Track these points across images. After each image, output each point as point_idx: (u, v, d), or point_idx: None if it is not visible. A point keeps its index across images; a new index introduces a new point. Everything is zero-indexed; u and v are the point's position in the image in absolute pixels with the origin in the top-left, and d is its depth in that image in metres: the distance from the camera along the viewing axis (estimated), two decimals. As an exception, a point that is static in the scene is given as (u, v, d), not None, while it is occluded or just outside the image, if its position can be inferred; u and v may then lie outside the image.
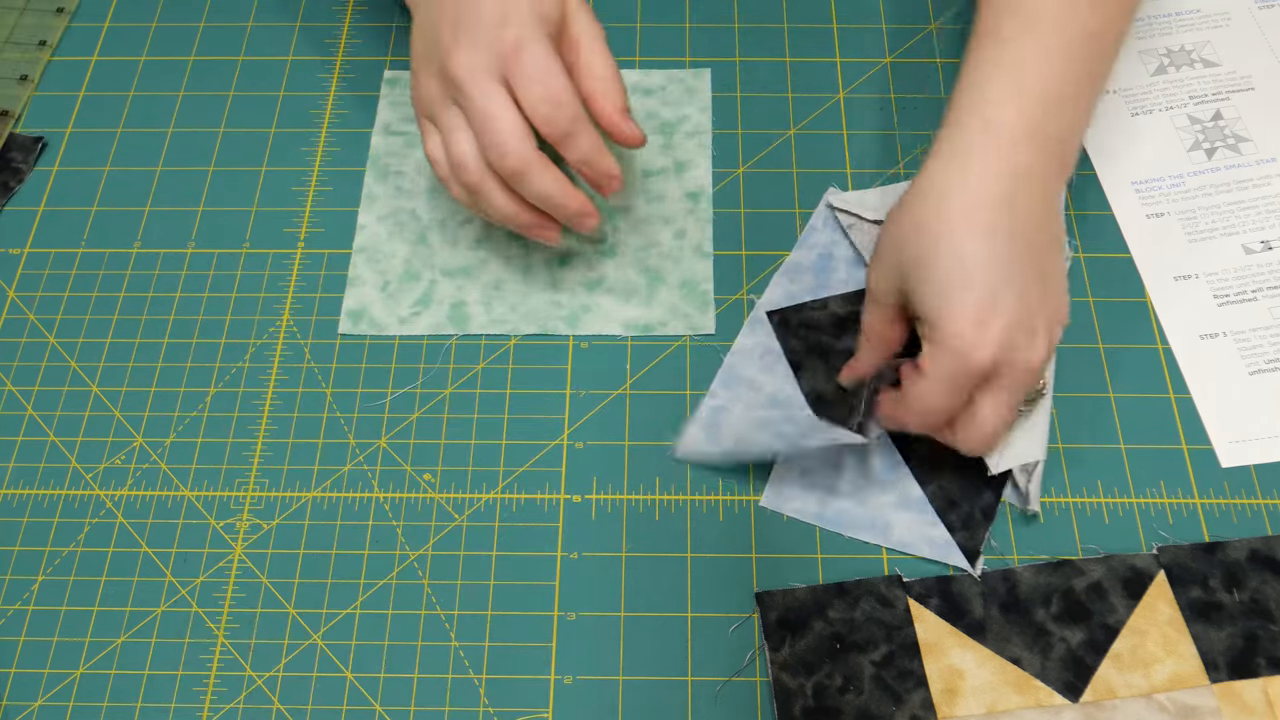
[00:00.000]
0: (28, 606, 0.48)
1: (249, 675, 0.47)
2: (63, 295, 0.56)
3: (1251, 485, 0.50)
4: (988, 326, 0.42)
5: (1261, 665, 0.45)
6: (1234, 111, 0.60)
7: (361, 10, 0.66)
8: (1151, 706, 0.44)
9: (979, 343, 0.42)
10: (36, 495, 0.51)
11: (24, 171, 0.60)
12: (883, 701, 0.44)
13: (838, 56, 0.63)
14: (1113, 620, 0.46)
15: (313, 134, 0.61)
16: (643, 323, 0.54)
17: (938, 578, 0.47)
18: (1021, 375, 0.43)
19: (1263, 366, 0.52)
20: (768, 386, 0.52)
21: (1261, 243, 0.55)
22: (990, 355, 0.42)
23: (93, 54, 0.65)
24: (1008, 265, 0.43)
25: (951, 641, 0.46)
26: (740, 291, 0.55)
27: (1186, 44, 0.62)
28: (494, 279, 0.56)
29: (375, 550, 0.49)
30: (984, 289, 0.42)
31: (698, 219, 0.57)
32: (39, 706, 0.46)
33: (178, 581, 0.49)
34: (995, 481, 0.49)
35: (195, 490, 0.51)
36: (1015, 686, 0.45)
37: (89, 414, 0.53)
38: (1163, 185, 0.58)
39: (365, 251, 0.57)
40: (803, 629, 0.46)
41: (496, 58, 0.45)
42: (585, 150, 0.47)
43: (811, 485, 0.50)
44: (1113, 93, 0.61)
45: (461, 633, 0.47)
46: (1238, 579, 0.47)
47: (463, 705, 0.46)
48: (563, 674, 0.46)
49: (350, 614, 0.48)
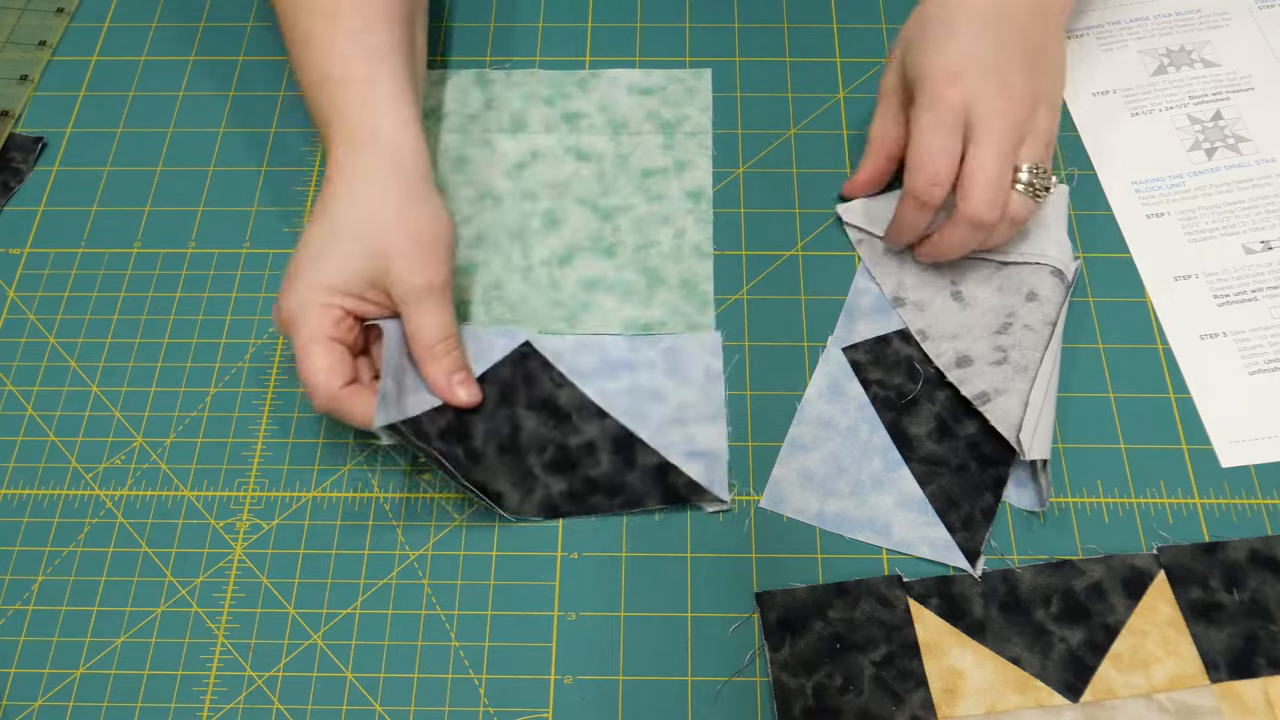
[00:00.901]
0: (28, 606, 0.48)
1: (249, 675, 0.47)
2: (63, 295, 0.56)
3: (1251, 485, 0.50)
4: (961, 77, 0.49)
5: (1261, 665, 0.45)
6: (1234, 111, 0.59)
7: (361, 10, 0.66)
8: (1151, 706, 0.44)
9: (951, 82, 0.48)
10: (36, 495, 0.51)
11: (24, 171, 0.60)
12: (883, 701, 0.44)
13: (838, 56, 0.63)
14: (1113, 620, 0.46)
15: (313, 134, 0.61)
16: (642, 322, 0.54)
17: (938, 578, 0.47)
18: (999, 126, 0.48)
19: (1263, 366, 0.52)
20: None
21: (1261, 243, 0.55)
22: (961, 96, 0.48)
23: (93, 54, 0.65)
24: (992, 34, 0.50)
25: (951, 641, 0.46)
26: (740, 291, 0.55)
27: (1186, 44, 0.62)
28: (493, 279, 0.56)
29: (375, 550, 0.49)
30: (963, 43, 0.49)
31: (697, 219, 0.57)
32: (39, 706, 0.46)
33: (178, 581, 0.49)
34: (995, 482, 0.49)
35: (195, 490, 0.51)
36: (1015, 686, 0.45)
37: (89, 414, 0.53)
38: (1163, 185, 0.58)
39: (365, 251, 0.57)
40: (803, 629, 0.46)
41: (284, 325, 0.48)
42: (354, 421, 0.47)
43: (811, 486, 0.49)
44: (1113, 93, 0.61)
45: (461, 633, 0.47)
46: (1238, 579, 0.47)
47: (463, 705, 0.46)
48: (563, 674, 0.46)
49: (350, 614, 0.48)
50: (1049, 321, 0.51)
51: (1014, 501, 0.49)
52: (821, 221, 0.57)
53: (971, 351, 0.51)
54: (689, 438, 0.50)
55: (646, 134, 0.60)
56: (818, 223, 0.57)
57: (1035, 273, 0.52)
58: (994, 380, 0.49)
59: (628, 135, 0.60)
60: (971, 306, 0.53)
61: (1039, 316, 0.50)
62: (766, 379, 0.53)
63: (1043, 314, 0.51)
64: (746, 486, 0.50)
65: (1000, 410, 0.48)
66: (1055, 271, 0.52)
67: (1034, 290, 0.51)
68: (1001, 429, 0.48)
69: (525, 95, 0.61)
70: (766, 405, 0.52)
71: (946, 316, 0.53)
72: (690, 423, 0.51)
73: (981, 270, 0.54)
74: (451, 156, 0.59)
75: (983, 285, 0.53)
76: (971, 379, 0.50)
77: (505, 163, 0.59)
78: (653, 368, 0.52)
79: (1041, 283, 0.51)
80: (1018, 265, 0.53)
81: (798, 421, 0.51)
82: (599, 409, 0.51)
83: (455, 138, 0.60)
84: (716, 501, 0.49)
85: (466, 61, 0.63)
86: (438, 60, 0.63)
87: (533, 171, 0.59)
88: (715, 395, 0.52)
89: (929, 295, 0.54)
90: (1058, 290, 0.52)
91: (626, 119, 0.60)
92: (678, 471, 0.49)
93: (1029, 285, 0.52)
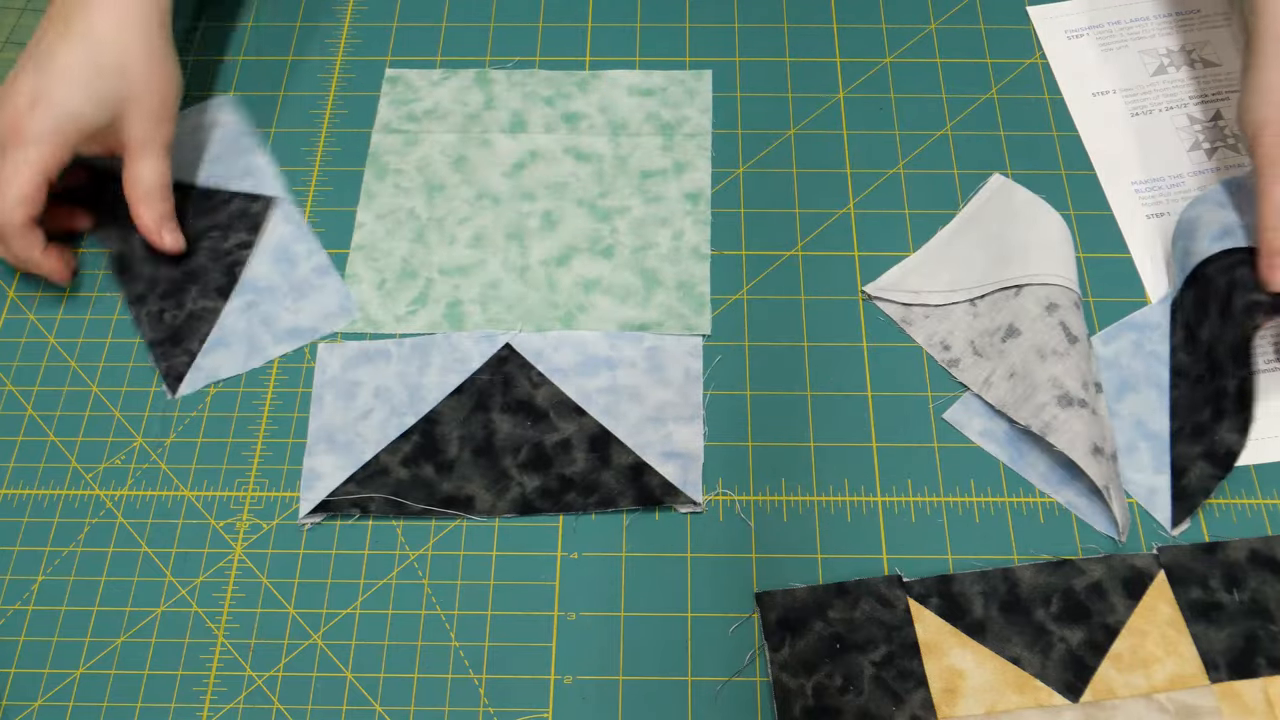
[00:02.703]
0: (28, 606, 0.48)
1: (249, 675, 0.47)
2: (63, 295, 0.56)
3: (1251, 485, 0.50)
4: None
5: (1261, 665, 0.45)
6: (1234, 111, 0.59)
7: (361, 10, 0.66)
8: (1151, 706, 0.44)
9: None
10: (36, 495, 0.51)
11: (24, 172, 0.60)
12: (883, 701, 0.44)
13: (838, 56, 0.63)
14: (1113, 620, 0.46)
15: (313, 134, 0.61)
16: (638, 323, 0.54)
17: (938, 577, 0.47)
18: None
19: (1263, 366, 0.52)
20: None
21: (1261, 243, 0.55)
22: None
23: (93, 54, 0.65)
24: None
25: (951, 641, 0.46)
26: (739, 292, 0.55)
27: (1186, 44, 0.62)
28: (491, 278, 0.56)
29: (375, 550, 0.49)
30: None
31: (695, 220, 0.57)
32: (39, 706, 0.46)
33: (178, 581, 0.49)
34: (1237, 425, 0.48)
35: (195, 490, 0.51)
36: (1015, 686, 0.45)
37: (89, 414, 0.53)
38: (1163, 185, 0.58)
39: (363, 249, 0.57)
40: (803, 629, 0.46)
41: (8, 131, 0.51)
42: (15, 255, 0.53)
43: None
44: (1112, 93, 0.61)
45: (461, 633, 0.47)
46: (1238, 579, 0.47)
47: (463, 705, 0.46)
48: (563, 674, 0.46)
49: (350, 614, 0.48)
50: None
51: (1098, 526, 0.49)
52: (821, 221, 0.57)
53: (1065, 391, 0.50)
54: (666, 437, 0.50)
55: (646, 135, 0.60)
56: (818, 223, 0.57)
57: (1063, 293, 0.52)
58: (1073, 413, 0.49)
59: (627, 136, 0.60)
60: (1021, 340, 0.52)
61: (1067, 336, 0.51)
62: (766, 379, 0.53)
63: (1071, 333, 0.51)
64: (746, 486, 0.50)
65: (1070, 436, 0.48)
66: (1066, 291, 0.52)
67: (1054, 303, 0.52)
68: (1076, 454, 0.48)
69: (525, 95, 0.61)
70: (766, 405, 0.52)
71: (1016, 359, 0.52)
72: (668, 422, 0.51)
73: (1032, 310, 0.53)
74: (451, 156, 0.59)
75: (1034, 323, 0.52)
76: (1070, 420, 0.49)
77: (504, 163, 0.59)
78: (633, 367, 0.52)
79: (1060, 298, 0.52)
80: (1036, 287, 0.53)
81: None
82: (577, 406, 0.51)
83: (455, 137, 0.60)
84: (689, 503, 0.49)
85: (466, 61, 0.63)
86: (438, 60, 0.63)
87: (531, 172, 0.59)
88: (694, 396, 0.52)
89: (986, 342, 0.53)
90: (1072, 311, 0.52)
91: (626, 120, 0.60)
92: (652, 471, 0.50)
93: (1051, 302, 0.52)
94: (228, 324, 0.54)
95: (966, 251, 0.55)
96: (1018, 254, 0.53)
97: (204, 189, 0.58)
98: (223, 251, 0.56)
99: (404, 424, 0.51)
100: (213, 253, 0.56)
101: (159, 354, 0.54)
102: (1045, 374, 0.49)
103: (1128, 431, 0.50)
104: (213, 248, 0.56)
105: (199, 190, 0.58)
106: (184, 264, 0.55)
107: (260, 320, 0.54)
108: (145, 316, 0.54)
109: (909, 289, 0.54)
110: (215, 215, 0.57)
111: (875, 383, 0.53)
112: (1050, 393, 0.49)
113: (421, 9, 0.65)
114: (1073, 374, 0.49)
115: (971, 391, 0.51)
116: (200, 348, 0.54)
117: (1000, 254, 0.54)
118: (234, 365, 0.53)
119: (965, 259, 0.54)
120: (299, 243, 0.57)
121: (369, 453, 0.50)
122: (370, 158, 0.60)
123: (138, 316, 0.55)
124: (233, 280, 0.55)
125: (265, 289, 0.55)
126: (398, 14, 0.65)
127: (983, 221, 0.56)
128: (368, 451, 0.51)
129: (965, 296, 0.53)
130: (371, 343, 0.54)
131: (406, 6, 0.66)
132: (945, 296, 0.53)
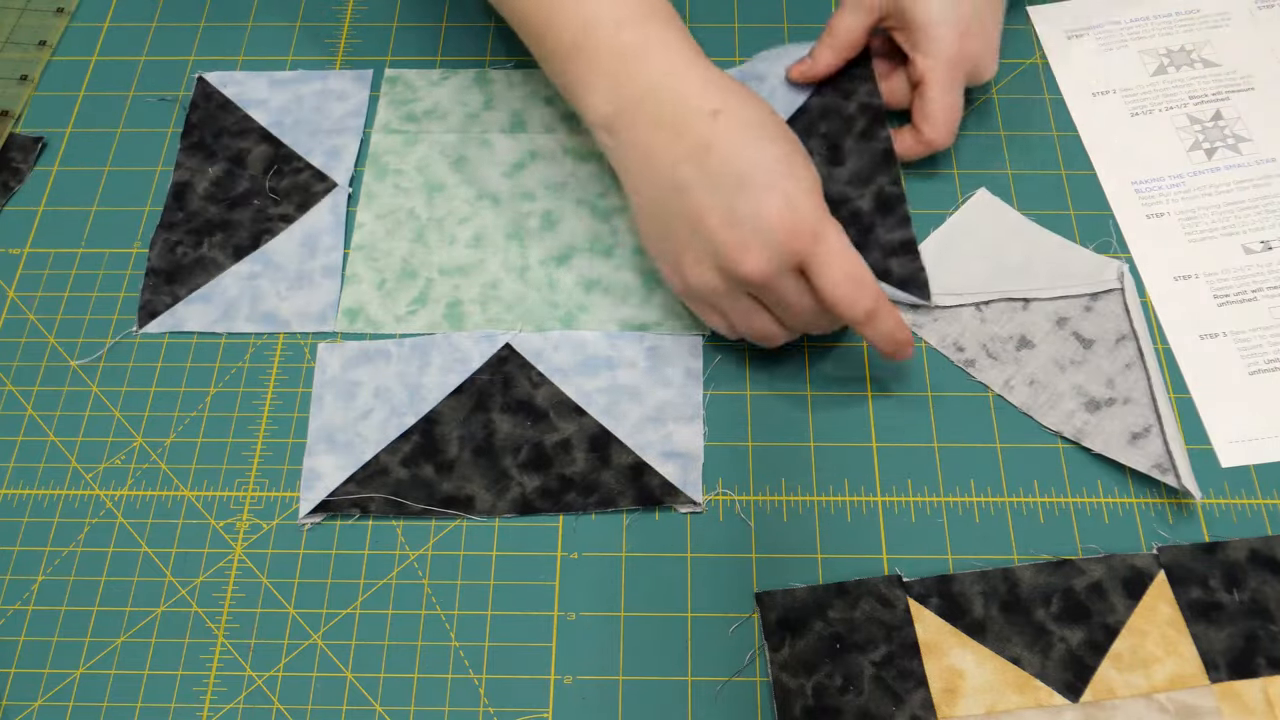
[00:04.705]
0: (28, 606, 0.48)
1: (249, 675, 0.47)
2: (63, 295, 0.56)
3: (1251, 485, 0.50)
4: (969, 38, 0.55)
5: (1261, 665, 0.45)
6: (1234, 111, 0.59)
7: (361, 10, 0.66)
8: (1151, 706, 0.44)
9: (964, 49, 0.54)
10: (36, 495, 0.51)
11: (24, 171, 0.60)
12: (883, 701, 0.44)
13: (838, 56, 0.63)
14: (1113, 620, 0.46)
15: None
16: (638, 323, 0.54)
17: (938, 577, 0.47)
18: (982, 77, 0.57)
19: (1263, 366, 0.52)
20: None
21: (1261, 243, 0.55)
22: (972, 61, 0.55)
23: (93, 54, 0.65)
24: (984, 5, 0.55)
25: (951, 641, 0.46)
26: (740, 291, 0.55)
27: (1186, 44, 0.62)
28: (491, 278, 0.56)
29: (375, 550, 0.49)
30: (967, 10, 0.55)
31: (697, 219, 0.57)
32: (39, 706, 0.46)
33: (178, 581, 0.49)
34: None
35: (195, 490, 0.51)
36: (1015, 686, 0.45)
37: (89, 414, 0.53)
38: (1163, 185, 0.58)
39: (363, 249, 0.57)
40: (803, 629, 0.46)
41: (792, 256, 0.46)
42: (890, 326, 0.47)
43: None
44: (1112, 93, 0.61)
45: (461, 633, 0.47)
46: (1238, 579, 0.47)
47: (463, 705, 0.46)
48: (563, 674, 0.46)
49: (350, 614, 0.48)
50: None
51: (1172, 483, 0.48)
52: (821, 221, 0.57)
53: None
54: (666, 437, 0.50)
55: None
56: (817, 223, 0.57)
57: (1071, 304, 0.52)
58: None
59: (627, 135, 0.60)
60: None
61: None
62: (766, 379, 0.53)
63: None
64: (746, 486, 0.50)
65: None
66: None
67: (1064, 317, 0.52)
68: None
69: (525, 95, 0.61)
70: (767, 405, 0.52)
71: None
72: (668, 422, 0.51)
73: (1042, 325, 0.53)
74: (451, 156, 0.59)
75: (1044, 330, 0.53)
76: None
77: (504, 163, 0.59)
78: (633, 366, 0.52)
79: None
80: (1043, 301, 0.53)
81: None
82: (577, 406, 0.51)
83: (454, 137, 0.60)
84: (689, 503, 0.49)
85: (466, 61, 0.63)
86: (437, 60, 0.63)
87: (531, 172, 0.59)
88: (694, 396, 0.52)
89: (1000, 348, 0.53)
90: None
91: (626, 119, 0.60)
92: (652, 471, 0.50)
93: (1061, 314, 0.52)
94: (224, 284, 0.55)
95: (961, 262, 0.55)
96: (1019, 269, 0.53)
97: (289, 151, 0.59)
98: (266, 216, 0.57)
99: (404, 424, 0.51)
100: (258, 214, 0.57)
101: (149, 284, 0.55)
102: (1067, 383, 0.50)
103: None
104: (260, 209, 0.57)
105: (285, 150, 0.59)
106: (229, 211, 0.57)
107: (250, 294, 0.55)
108: (162, 242, 0.56)
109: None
110: (283, 179, 0.58)
111: (875, 383, 0.53)
112: (1076, 400, 0.49)
113: (421, 9, 0.65)
114: (1095, 377, 0.49)
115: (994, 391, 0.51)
116: (186, 295, 0.55)
117: (1000, 266, 0.54)
118: (201, 323, 0.54)
119: (962, 268, 0.54)
120: (328, 235, 0.57)
121: (369, 453, 0.50)
122: (370, 158, 0.60)
123: (155, 239, 0.56)
124: (255, 245, 0.56)
125: (275, 265, 0.56)
126: (397, 14, 0.65)
127: (973, 232, 0.56)
128: (368, 451, 0.51)
129: (971, 300, 0.53)
130: (371, 343, 0.54)
131: (406, 6, 0.66)
132: (950, 299, 0.53)
